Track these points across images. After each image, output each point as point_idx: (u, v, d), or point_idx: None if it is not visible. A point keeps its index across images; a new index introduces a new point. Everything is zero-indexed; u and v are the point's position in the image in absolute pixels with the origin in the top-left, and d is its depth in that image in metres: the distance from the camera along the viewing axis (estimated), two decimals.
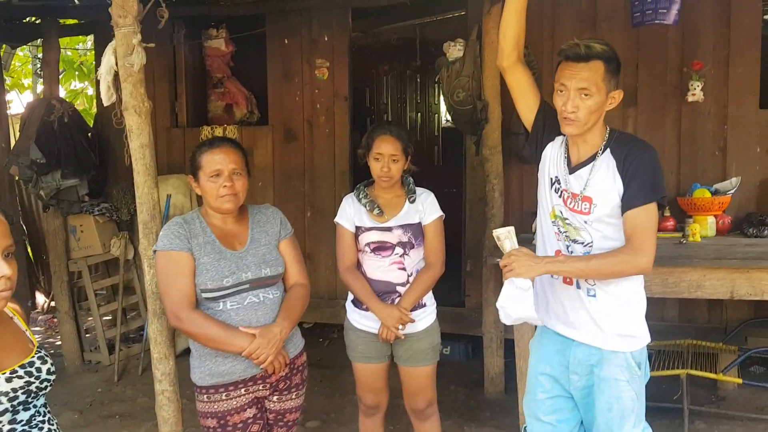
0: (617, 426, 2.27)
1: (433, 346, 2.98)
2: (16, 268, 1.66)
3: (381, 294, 2.87)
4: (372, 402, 3.04)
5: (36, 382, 1.68)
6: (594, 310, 2.27)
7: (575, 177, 2.28)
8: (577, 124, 2.19)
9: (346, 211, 2.92)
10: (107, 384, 4.97)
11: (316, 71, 5.27)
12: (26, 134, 5.10)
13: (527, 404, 2.51)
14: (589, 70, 2.15)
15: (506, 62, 2.39)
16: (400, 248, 2.87)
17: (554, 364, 2.41)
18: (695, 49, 4.50)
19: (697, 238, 3.95)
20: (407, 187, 2.96)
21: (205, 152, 2.41)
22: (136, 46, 2.38)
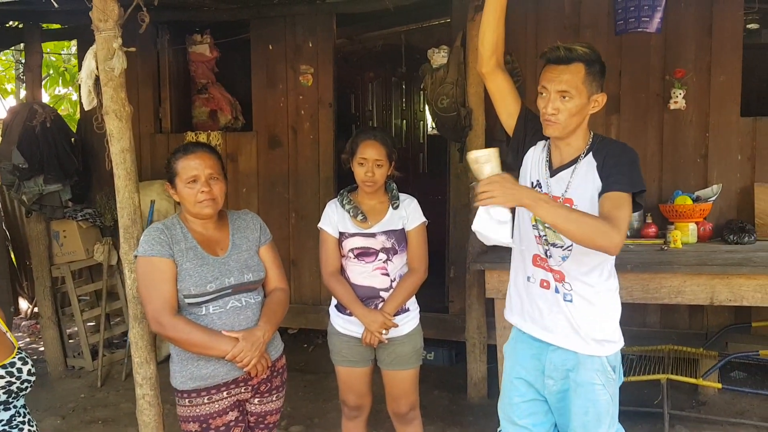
0: (593, 429, 2.28)
1: (416, 350, 2.99)
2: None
3: (364, 299, 2.88)
4: (354, 404, 3.04)
5: (17, 383, 1.69)
6: (571, 315, 2.28)
7: (556, 180, 2.29)
8: (557, 126, 2.21)
9: (330, 217, 2.93)
10: (90, 389, 4.94)
11: (300, 77, 5.28)
12: (8, 139, 5.08)
13: (502, 408, 2.52)
14: (569, 73, 2.17)
15: (485, 68, 2.41)
16: (384, 254, 2.88)
17: (529, 368, 2.41)
18: (677, 57, 4.55)
19: (679, 245, 3.99)
20: (391, 193, 2.97)
21: (180, 158, 2.41)
22: (117, 51, 2.38)
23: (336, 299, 2.96)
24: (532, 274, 2.38)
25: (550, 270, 2.32)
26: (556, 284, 2.31)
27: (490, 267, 3.72)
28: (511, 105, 2.44)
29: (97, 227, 5.58)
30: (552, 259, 2.31)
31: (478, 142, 4.31)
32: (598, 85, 2.21)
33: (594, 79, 2.20)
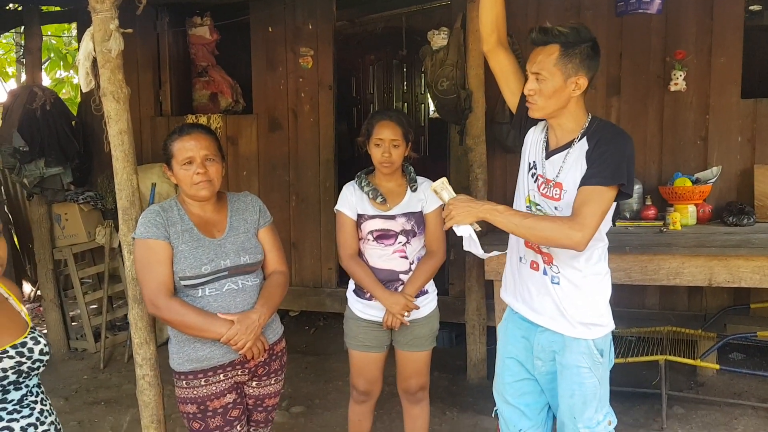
0: (579, 411, 2.30)
1: (432, 333, 3.01)
2: (5, 247, 1.68)
3: (384, 282, 2.88)
4: (365, 389, 3.04)
5: (27, 363, 1.69)
6: (558, 297, 2.28)
7: (550, 163, 2.29)
8: (536, 107, 2.22)
9: (348, 199, 2.91)
10: (93, 371, 4.98)
11: (300, 60, 5.26)
12: (9, 122, 5.09)
13: (497, 387, 2.54)
14: (542, 53, 2.17)
15: (486, 46, 2.41)
16: (403, 236, 2.87)
17: (520, 348, 2.43)
18: (678, 39, 4.52)
19: (678, 227, 3.99)
20: (408, 175, 2.95)
21: (175, 140, 2.40)
22: (114, 32, 2.37)
23: (355, 282, 2.96)
24: (524, 255, 2.39)
25: (539, 252, 2.32)
26: (545, 266, 2.31)
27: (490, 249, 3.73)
28: (513, 83, 2.43)
29: (99, 210, 5.60)
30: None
31: (478, 125, 4.31)
32: (577, 67, 2.15)
33: (570, 61, 2.15)
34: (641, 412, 3.84)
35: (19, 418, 1.67)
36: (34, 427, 1.69)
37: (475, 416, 3.97)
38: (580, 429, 2.30)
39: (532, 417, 2.45)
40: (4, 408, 1.64)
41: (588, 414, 2.30)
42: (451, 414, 4.02)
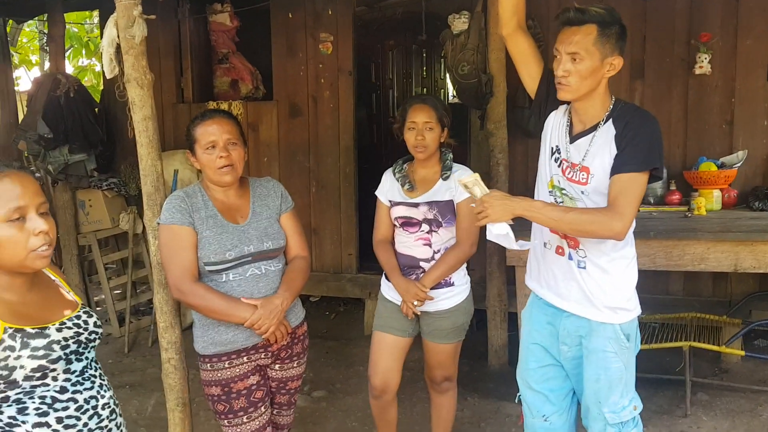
0: (604, 396, 2.29)
1: (455, 326, 2.93)
2: (54, 225, 1.71)
3: (405, 268, 2.87)
4: (378, 382, 2.95)
5: (85, 333, 1.75)
6: (584, 282, 2.27)
7: (575, 147, 2.27)
8: (569, 89, 2.18)
9: (384, 185, 2.96)
10: (118, 355, 5.05)
11: (320, 46, 5.25)
12: (33, 109, 5.14)
13: (520, 373, 2.53)
14: (580, 34, 2.13)
15: (506, 30, 2.39)
16: (426, 225, 2.84)
17: (545, 333, 2.42)
18: (703, 21, 4.45)
19: (703, 212, 3.95)
20: (444, 163, 2.89)
21: (198, 125, 2.42)
22: (137, 18, 2.38)
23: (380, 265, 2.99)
24: (549, 240, 2.37)
25: (564, 237, 2.30)
26: (570, 251, 2.30)
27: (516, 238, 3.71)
28: (533, 67, 2.41)
29: (122, 196, 5.66)
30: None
31: (499, 109, 4.28)
32: (613, 47, 2.16)
33: (608, 41, 2.14)
34: (665, 399, 3.82)
35: (82, 389, 1.71)
36: (95, 400, 1.74)
37: (497, 402, 3.97)
38: (605, 413, 2.29)
39: (556, 402, 2.45)
40: (68, 379, 1.68)
41: (613, 399, 2.29)
42: (473, 399, 4.03)
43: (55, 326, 1.69)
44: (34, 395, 1.63)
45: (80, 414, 1.69)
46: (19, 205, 1.63)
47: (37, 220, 1.65)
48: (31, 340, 1.62)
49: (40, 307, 1.73)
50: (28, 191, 1.66)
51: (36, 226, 1.65)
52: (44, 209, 1.69)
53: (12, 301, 1.67)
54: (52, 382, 1.66)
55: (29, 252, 1.64)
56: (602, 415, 2.30)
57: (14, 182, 1.65)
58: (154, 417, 3.95)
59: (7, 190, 1.63)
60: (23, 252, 1.63)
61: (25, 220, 1.64)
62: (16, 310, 1.66)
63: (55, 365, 1.65)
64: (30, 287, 1.73)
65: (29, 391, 1.63)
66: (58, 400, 1.66)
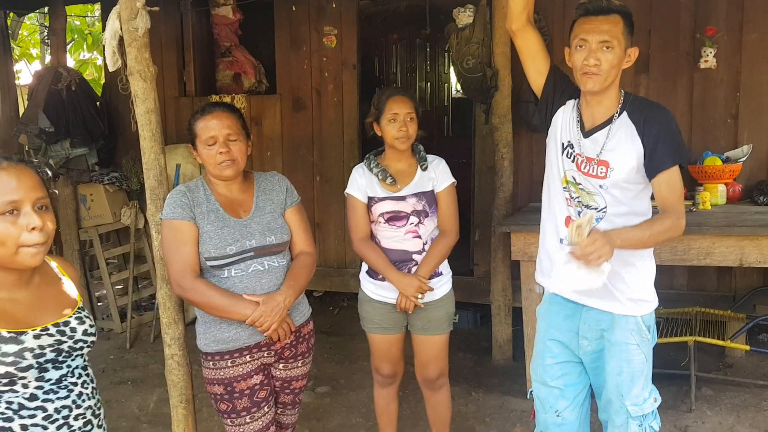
0: (626, 389, 2.28)
1: (448, 315, 2.95)
2: (53, 220, 1.66)
3: (397, 263, 2.83)
4: (389, 372, 3.01)
5: (68, 342, 1.68)
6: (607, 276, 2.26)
7: (591, 141, 2.25)
8: (599, 78, 2.16)
9: (358, 182, 2.86)
10: (119, 351, 5.04)
11: (324, 39, 5.23)
12: (34, 103, 5.12)
13: (534, 369, 2.52)
14: (609, 23, 2.14)
15: (515, 25, 2.36)
16: (415, 217, 2.82)
17: (563, 329, 2.40)
18: (708, 15, 4.42)
19: (708, 206, 3.93)
20: (418, 154, 2.90)
21: (198, 119, 2.38)
22: (140, 10, 2.36)
23: (368, 265, 2.92)
24: (566, 236, 2.35)
25: None
26: None
27: (516, 229, 3.70)
28: (540, 63, 2.39)
29: (124, 191, 5.64)
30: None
31: (504, 103, 4.26)
32: (631, 39, 2.20)
33: (629, 32, 2.18)
34: (669, 394, 3.80)
35: (54, 398, 1.65)
36: (68, 410, 1.67)
37: (501, 397, 3.95)
38: (627, 406, 2.29)
39: (569, 398, 2.43)
40: (40, 387, 1.63)
41: (635, 391, 2.29)
42: (477, 395, 4.02)
43: (33, 332, 1.61)
44: (0, 399, 1.58)
45: (47, 423, 1.63)
46: (14, 199, 1.58)
47: (32, 215, 1.59)
48: (2, 344, 1.55)
49: (29, 307, 1.66)
50: (24, 185, 1.60)
51: (30, 222, 1.58)
52: (43, 204, 1.63)
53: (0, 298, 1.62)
54: (22, 389, 1.59)
55: (19, 248, 1.58)
56: (624, 408, 2.29)
57: (10, 175, 1.59)
58: (157, 413, 3.94)
59: (2, 183, 1.58)
60: (13, 247, 1.57)
61: (19, 214, 1.59)
62: (1, 308, 1.61)
63: (24, 373, 1.58)
64: (25, 284, 1.67)
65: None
66: (24, 407, 1.60)
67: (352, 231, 2.90)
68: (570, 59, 2.24)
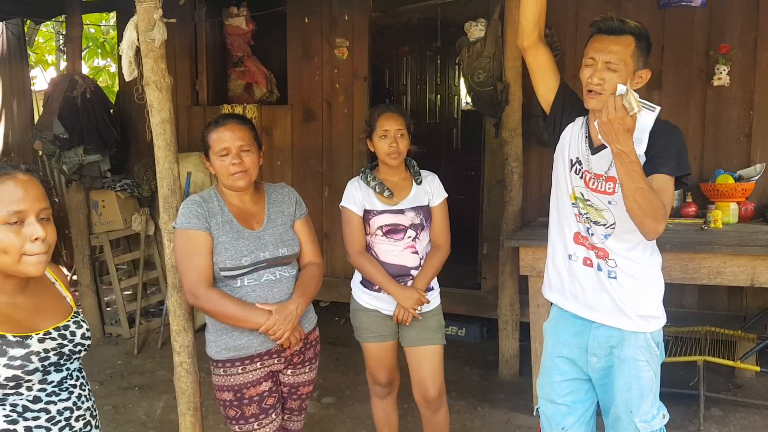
0: (636, 405, 2.27)
1: (440, 325, 2.99)
2: (53, 231, 1.69)
3: (394, 277, 2.87)
4: (386, 380, 3.04)
5: (69, 345, 1.72)
6: (615, 292, 2.26)
7: (598, 157, 2.25)
8: (600, 99, 2.14)
9: (354, 195, 2.90)
10: (127, 356, 5.06)
11: (335, 51, 5.26)
12: (49, 109, 5.16)
13: (542, 387, 2.50)
14: (619, 44, 2.13)
15: (527, 41, 2.36)
16: (412, 231, 2.86)
17: (572, 346, 2.39)
18: (722, 33, 4.41)
19: (719, 225, 3.90)
20: (412, 169, 2.96)
21: (212, 131, 2.43)
22: (158, 22, 2.38)
23: (364, 277, 2.94)
24: (574, 252, 2.35)
25: (592, 248, 2.29)
26: (599, 262, 2.28)
27: (525, 244, 3.70)
28: (550, 80, 2.39)
29: (135, 198, 5.68)
30: (594, 237, 2.28)
31: (514, 117, 4.26)
32: (643, 61, 2.18)
33: (641, 55, 2.16)
34: (678, 413, 3.77)
35: (57, 400, 1.69)
36: (70, 411, 1.71)
37: (508, 413, 3.93)
38: (636, 423, 2.27)
39: (576, 415, 2.42)
40: (43, 389, 1.66)
41: (644, 408, 2.27)
42: (483, 410, 4.00)
43: (38, 336, 1.66)
44: (5, 402, 1.61)
45: (50, 425, 1.66)
46: (19, 209, 1.61)
47: (35, 225, 1.63)
48: (9, 348, 1.59)
49: (29, 311, 1.70)
50: (29, 196, 1.63)
51: (33, 232, 1.62)
52: (45, 215, 1.67)
53: (1, 303, 1.65)
54: (26, 392, 1.63)
55: (22, 256, 1.61)
56: (633, 425, 2.28)
57: (17, 185, 1.62)
58: (163, 420, 3.94)
59: (8, 193, 1.61)
60: (17, 256, 1.61)
61: (23, 224, 1.62)
62: (3, 313, 1.64)
63: (30, 376, 1.62)
64: (23, 290, 1.71)
65: (1, 398, 1.60)
66: (29, 410, 1.63)
67: (348, 244, 2.94)
68: (580, 74, 2.24)
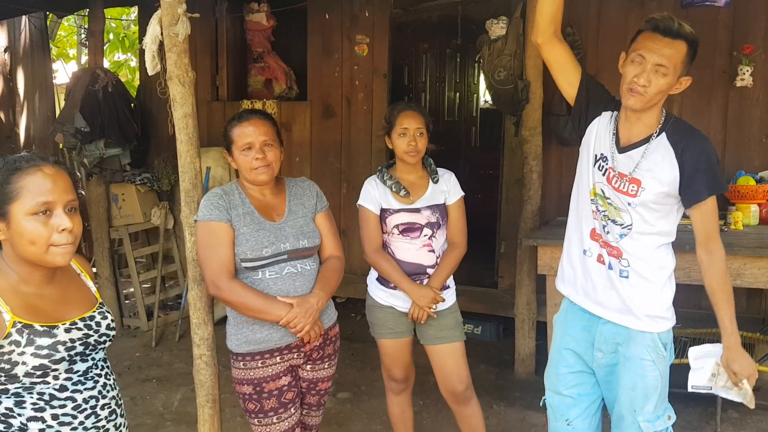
0: (639, 405, 2.27)
1: (458, 322, 2.99)
2: (80, 223, 1.72)
3: (410, 275, 2.88)
4: (402, 376, 3.05)
5: (94, 336, 1.76)
6: (625, 291, 2.26)
7: (626, 157, 2.23)
8: (642, 99, 2.12)
9: (371, 194, 2.92)
10: (145, 349, 5.11)
11: (355, 47, 5.26)
12: (71, 103, 5.22)
13: (549, 377, 2.51)
14: (673, 48, 2.09)
15: (541, 38, 2.34)
16: (429, 229, 2.87)
17: (579, 339, 2.40)
18: (746, 33, 4.37)
19: (740, 227, 3.88)
20: (429, 167, 2.96)
21: (235, 126, 2.45)
22: (181, 16, 2.40)
23: (382, 275, 2.95)
24: (589, 248, 2.35)
25: (606, 245, 2.29)
26: (611, 260, 2.28)
27: (543, 243, 3.69)
28: (571, 74, 2.37)
29: (155, 191, 5.73)
30: (609, 235, 2.28)
31: (534, 116, 4.25)
32: (688, 68, 2.16)
33: (689, 62, 2.14)
34: (695, 415, 3.76)
35: (82, 389, 1.72)
36: (95, 400, 1.75)
37: (523, 411, 3.93)
38: (640, 422, 2.27)
39: (581, 407, 2.43)
40: (69, 378, 1.70)
41: (648, 408, 2.27)
42: (499, 408, 4.00)
43: (64, 326, 1.69)
44: (33, 391, 1.65)
45: (77, 413, 1.70)
46: (48, 200, 1.64)
47: (63, 217, 1.65)
48: (37, 337, 1.63)
49: (56, 302, 1.73)
50: (58, 187, 1.66)
51: (61, 223, 1.64)
52: (72, 206, 1.69)
53: (28, 293, 1.68)
54: (53, 381, 1.67)
55: (49, 247, 1.64)
56: (636, 424, 2.28)
57: (46, 177, 1.65)
58: (181, 412, 3.98)
59: (38, 184, 1.64)
60: (44, 246, 1.64)
61: (51, 215, 1.65)
62: (31, 303, 1.67)
63: (57, 365, 1.65)
64: (50, 280, 1.74)
65: (29, 386, 1.64)
66: (56, 398, 1.67)
67: (365, 242, 2.96)
68: (623, 67, 2.19)
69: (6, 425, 1.64)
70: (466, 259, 3.03)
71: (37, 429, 1.65)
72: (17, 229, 1.63)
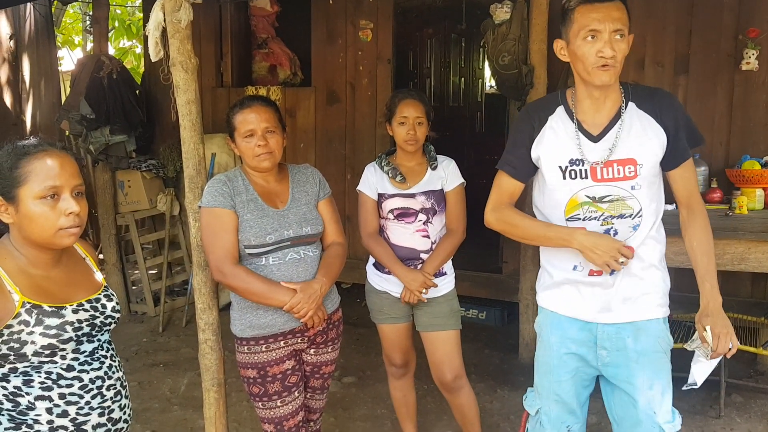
0: (658, 404, 2.09)
1: (453, 311, 2.99)
2: (86, 207, 1.77)
3: (404, 260, 2.90)
4: (401, 361, 3.08)
5: (100, 317, 1.81)
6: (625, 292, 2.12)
7: (604, 142, 2.06)
8: (615, 71, 1.98)
9: (369, 179, 2.96)
10: (152, 334, 5.15)
11: (359, 33, 5.25)
12: (76, 90, 5.23)
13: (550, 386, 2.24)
14: (618, 9, 1.96)
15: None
16: (423, 215, 2.89)
17: (580, 340, 2.18)
18: (752, 16, 4.34)
19: (744, 211, 3.87)
20: (429, 154, 2.98)
21: (237, 113, 2.46)
22: (184, 2, 2.40)
23: (375, 259, 2.99)
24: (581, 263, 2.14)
25: None
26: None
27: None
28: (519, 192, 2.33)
29: (160, 178, 5.75)
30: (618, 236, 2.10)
31: None
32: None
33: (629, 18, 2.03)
34: (698, 399, 3.77)
35: (89, 369, 1.76)
36: (101, 380, 1.79)
37: None
38: (662, 425, 2.09)
39: (579, 413, 2.27)
40: (76, 358, 1.74)
41: (666, 407, 2.11)
42: (502, 392, 4.02)
43: (72, 307, 1.74)
44: (41, 370, 1.69)
45: (83, 392, 1.74)
46: (55, 185, 1.69)
47: (70, 200, 1.70)
48: (45, 317, 1.67)
49: (63, 284, 1.78)
50: (65, 172, 1.71)
51: (68, 207, 1.69)
52: (79, 191, 1.74)
53: (36, 275, 1.73)
54: (60, 360, 1.71)
55: (58, 230, 1.69)
56: (658, 427, 2.09)
57: (54, 161, 1.70)
58: (188, 396, 4.02)
59: (46, 168, 1.68)
60: (52, 229, 1.69)
61: (58, 199, 1.69)
62: (39, 285, 1.72)
63: (65, 345, 1.70)
64: (56, 263, 1.79)
65: (37, 365, 1.68)
66: (63, 377, 1.71)
67: (362, 226, 2.99)
68: (573, 52, 2.01)
69: (14, 404, 1.68)
70: (470, 244, 3.03)
71: (44, 408, 1.69)
72: (25, 213, 1.68)
